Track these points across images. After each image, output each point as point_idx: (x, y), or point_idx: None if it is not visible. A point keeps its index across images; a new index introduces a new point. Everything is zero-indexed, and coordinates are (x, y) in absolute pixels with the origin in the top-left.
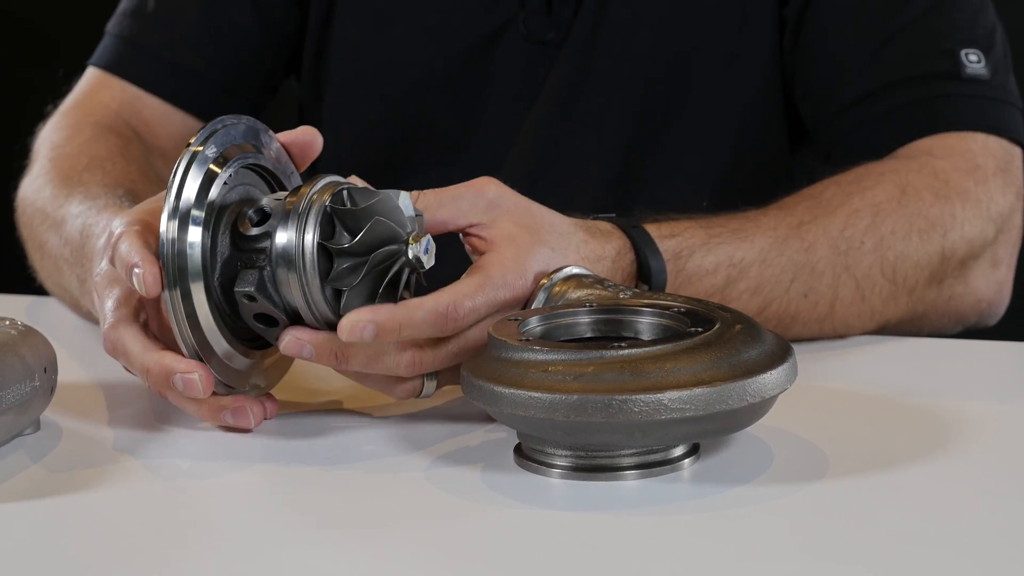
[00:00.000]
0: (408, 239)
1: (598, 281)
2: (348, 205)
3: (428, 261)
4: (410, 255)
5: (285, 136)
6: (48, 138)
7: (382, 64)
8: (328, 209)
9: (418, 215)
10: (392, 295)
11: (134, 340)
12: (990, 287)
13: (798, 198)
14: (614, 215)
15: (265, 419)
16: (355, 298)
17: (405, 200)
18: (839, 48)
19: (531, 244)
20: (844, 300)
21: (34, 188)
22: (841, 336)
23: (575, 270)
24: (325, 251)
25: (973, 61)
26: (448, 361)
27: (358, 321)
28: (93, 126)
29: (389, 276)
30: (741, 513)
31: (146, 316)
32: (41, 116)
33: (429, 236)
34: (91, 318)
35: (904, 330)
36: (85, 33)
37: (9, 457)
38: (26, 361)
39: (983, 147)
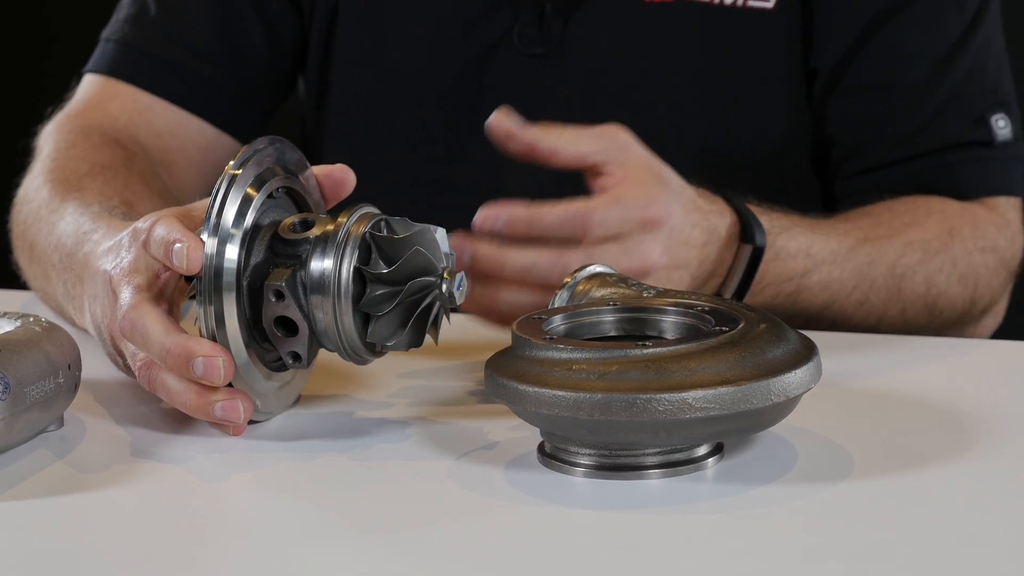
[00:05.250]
0: (443, 273)
1: (621, 280)
2: (387, 234)
3: (460, 298)
4: (444, 289)
5: (319, 170)
6: (52, 140)
7: (381, 76)
8: (368, 236)
9: (450, 254)
10: (421, 328)
11: (155, 321)
12: (989, 329)
13: (858, 215)
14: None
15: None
16: (384, 326)
17: (441, 236)
18: (874, 117)
19: (658, 185)
20: (890, 319)
21: (32, 188)
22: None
23: (598, 268)
24: (360, 275)
25: (1002, 127)
26: (575, 264)
27: (493, 212)
28: (100, 135)
29: (420, 308)
30: (765, 513)
31: (168, 307)
32: (43, 116)
33: (463, 273)
34: (74, 325)
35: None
36: (94, 28)
37: (33, 453)
38: (50, 357)
39: (1011, 205)
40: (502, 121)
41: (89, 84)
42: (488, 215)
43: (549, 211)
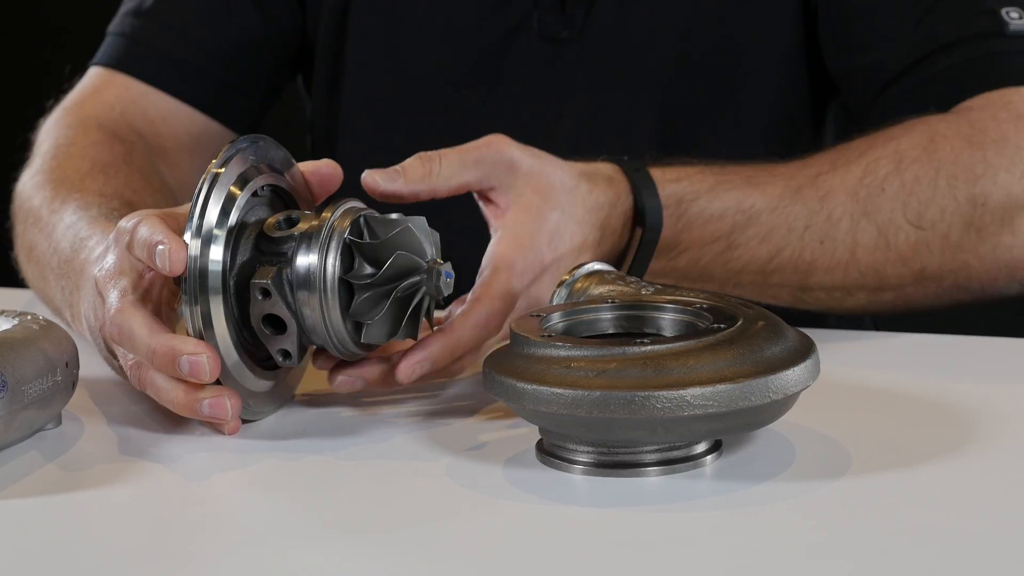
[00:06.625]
0: (428, 267)
1: (620, 277)
2: (366, 235)
3: (447, 289)
4: (431, 285)
5: (306, 166)
6: (52, 135)
7: (396, 69)
8: (348, 241)
9: (431, 236)
10: (414, 324)
11: (142, 323)
12: None
13: (825, 151)
14: (625, 158)
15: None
16: (377, 328)
17: (421, 224)
18: (877, 25)
19: (544, 211)
20: (866, 246)
21: (32, 185)
22: (879, 288)
23: (597, 266)
24: (346, 283)
25: (1015, 17)
26: (499, 338)
27: (414, 362)
28: (98, 128)
29: (411, 307)
30: (763, 510)
31: (154, 306)
32: (43, 110)
33: (448, 264)
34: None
35: (952, 283)
36: (94, 24)
37: (31, 452)
38: (48, 356)
39: None
40: (370, 183)
41: (89, 76)
42: (413, 369)
43: (461, 332)
